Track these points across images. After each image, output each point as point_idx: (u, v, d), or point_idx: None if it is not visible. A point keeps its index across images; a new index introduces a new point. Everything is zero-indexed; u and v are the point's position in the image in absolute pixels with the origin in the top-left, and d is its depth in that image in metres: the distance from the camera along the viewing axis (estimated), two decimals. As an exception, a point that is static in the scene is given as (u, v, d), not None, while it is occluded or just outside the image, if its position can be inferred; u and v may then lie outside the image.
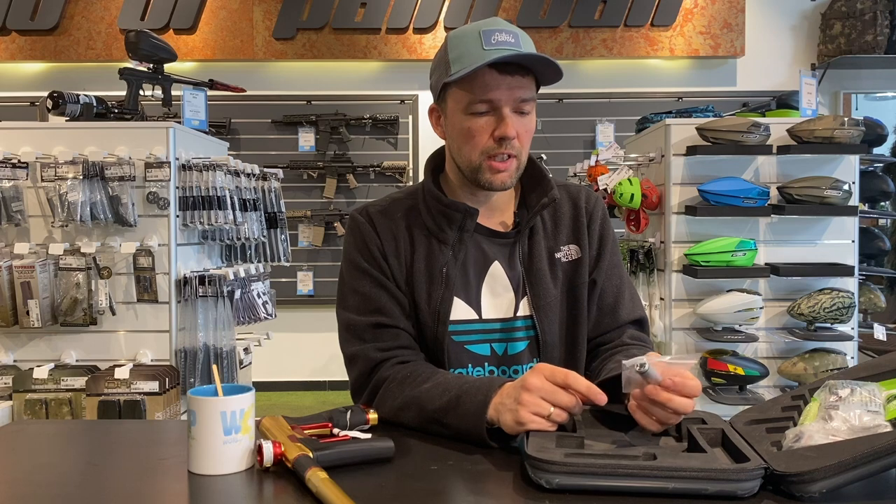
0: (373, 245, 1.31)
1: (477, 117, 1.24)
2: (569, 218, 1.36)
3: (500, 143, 1.24)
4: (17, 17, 5.19)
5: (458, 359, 1.30)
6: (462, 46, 1.23)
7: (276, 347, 3.62)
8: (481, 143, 1.25)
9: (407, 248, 1.31)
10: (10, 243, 2.67)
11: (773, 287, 2.93)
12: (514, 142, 1.25)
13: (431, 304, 1.28)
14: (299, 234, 5.29)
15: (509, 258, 1.32)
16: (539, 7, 5.25)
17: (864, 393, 0.96)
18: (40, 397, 2.59)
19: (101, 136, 2.72)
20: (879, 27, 4.87)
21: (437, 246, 1.30)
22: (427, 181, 1.34)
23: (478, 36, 1.22)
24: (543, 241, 1.34)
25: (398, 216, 1.33)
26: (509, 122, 1.23)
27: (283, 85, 5.37)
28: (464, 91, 1.24)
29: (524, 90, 1.23)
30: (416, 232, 1.32)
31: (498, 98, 1.22)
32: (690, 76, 5.41)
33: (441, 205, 1.30)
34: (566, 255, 1.34)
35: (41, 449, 1.14)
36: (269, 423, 1.05)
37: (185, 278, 2.72)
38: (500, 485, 0.95)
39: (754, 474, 0.87)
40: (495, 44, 1.20)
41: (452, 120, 1.28)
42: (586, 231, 1.36)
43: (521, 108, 1.25)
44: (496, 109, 1.23)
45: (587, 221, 1.37)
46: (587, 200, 1.39)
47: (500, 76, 1.21)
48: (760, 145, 2.83)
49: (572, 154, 5.18)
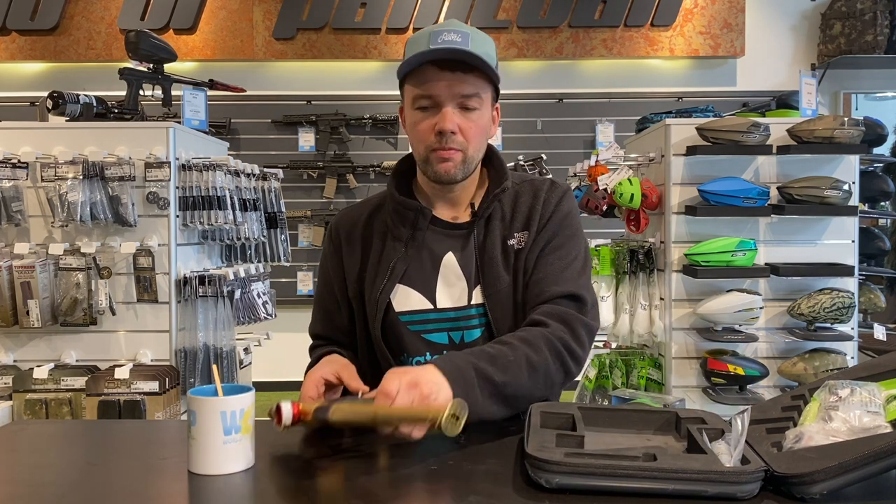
0: (329, 258, 1.45)
1: (422, 112, 1.30)
2: (526, 207, 1.37)
3: (439, 138, 1.29)
4: (17, 17, 5.19)
5: (416, 348, 1.36)
6: (414, 46, 1.30)
7: (276, 347, 3.61)
8: (425, 138, 1.31)
9: (364, 246, 1.41)
10: (10, 243, 2.67)
11: (773, 287, 2.92)
12: (457, 137, 1.29)
13: (374, 294, 1.35)
14: (299, 234, 5.29)
15: (463, 248, 1.36)
16: (539, 7, 5.25)
17: (864, 393, 0.96)
18: (40, 397, 2.59)
19: (101, 136, 2.72)
20: (879, 27, 4.87)
21: (391, 243, 1.38)
22: (390, 182, 1.42)
23: (428, 36, 1.28)
24: (499, 229, 1.37)
25: (363, 218, 1.44)
26: (447, 117, 1.27)
27: (283, 85, 5.37)
28: (411, 86, 1.31)
29: (466, 86, 1.28)
30: (376, 231, 1.41)
31: (437, 93, 1.28)
32: (690, 76, 5.40)
33: (396, 203, 1.38)
34: (518, 242, 1.35)
35: (41, 449, 1.13)
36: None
37: (185, 278, 2.72)
38: (500, 485, 0.95)
39: (755, 476, 0.87)
40: (440, 42, 1.26)
41: (406, 115, 1.36)
42: (538, 216, 1.36)
43: (464, 104, 1.29)
44: (437, 105, 1.28)
45: (541, 206, 1.37)
46: (549, 191, 1.39)
47: (440, 72, 1.26)
48: (760, 145, 2.83)
49: (572, 154, 5.18)
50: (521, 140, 5.25)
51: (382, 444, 1.12)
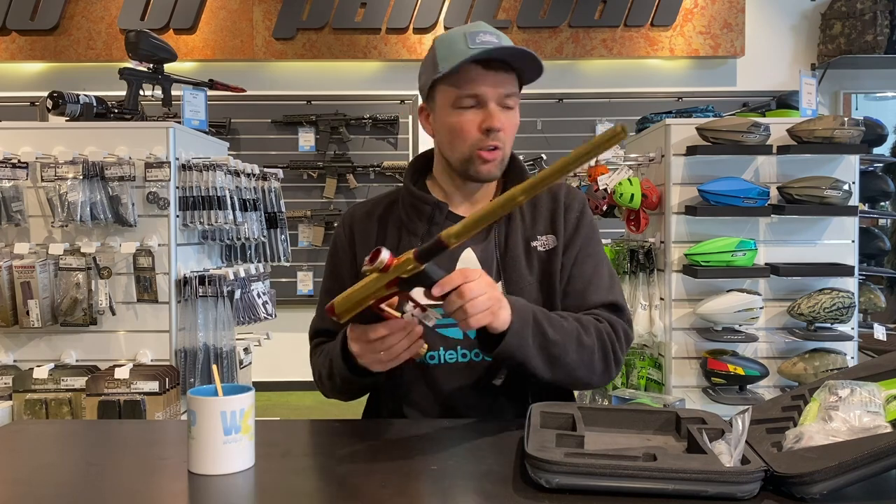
0: (342, 252, 1.44)
1: (464, 111, 1.32)
2: (547, 210, 1.41)
3: (487, 135, 1.31)
4: (17, 17, 5.19)
5: (431, 342, 1.35)
6: (449, 47, 1.31)
7: (276, 347, 3.61)
8: (470, 136, 1.32)
9: (378, 240, 1.41)
10: (10, 243, 2.66)
11: (773, 287, 2.92)
12: (501, 134, 1.32)
13: None
14: (299, 234, 5.29)
15: (484, 245, 1.38)
16: (539, 7, 5.25)
17: (864, 393, 0.96)
18: (40, 397, 2.59)
19: (101, 136, 2.72)
20: (879, 27, 4.87)
21: (406, 238, 1.39)
22: (406, 178, 1.44)
23: (463, 37, 1.30)
24: (520, 229, 1.39)
25: (377, 213, 1.45)
26: (495, 115, 1.30)
27: (283, 85, 5.37)
28: (451, 87, 1.31)
29: (508, 86, 1.32)
30: (391, 226, 1.42)
31: (483, 92, 1.30)
32: (690, 76, 5.40)
33: (412, 198, 1.40)
34: (543, 245, 1.38)
35: (41, 449, 1.13)
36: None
37: (185, 278, 2.72)
38: (500, 485, 0.95)
39: (755, 476, 0.87)
40: (479, 43, 1.28)
41: (441, 116, 1.36)
42: (563, 221, 1.40)
43: (505, 103, 1.32)
44: (482, 103, 1.31)
45: (563, 212, 1.41)
46: (567, 194, 1.44)
47: (485, 72, 1.29)
48: (760, 145, 2.83)
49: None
50: (521, 140, 5.25)
51: (382, 444, 1.12)
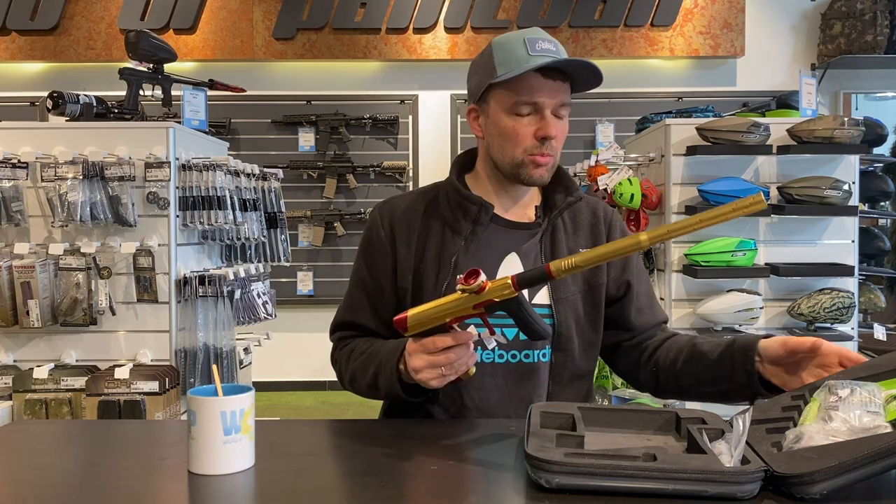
0: (379, 246, 1.42)
1: (520, 117, 1.33)
2: (587, 224, 1.45)
3: (542, 143, 1.34)
4: (17, 17, 5.19)
5: None
6: (508, 51, 1.33)
7: (276, 347, 3.61)
8: (524, 142, 1.34)
9: (420, 236, 1.40)
10: (10, 243, 2.66)
11: (773, 287, 2.92)
12: (553, 142, 1.35)
13: (437, 290, 1.36)
14: (299, 234, 5.29)
15: (528, 250, 1.39)
16: (539, 7, 5.25)
17: (864, 393, 0.96)
18: (40, 397, 2.59)
19: (101, 136, 2.72)
20: (879, 27, 4.87)
21: (450, 236, 1.39)
22: (451, 175, 1.44)
23: (523, 42, 1.32)
24: (564, 240, 1.42)
25: (419, 207, 1.44)
26: (551, 124, 1.33)
27: (283, 85, 5.37)
28: (509, 92, 1.33)
29: (564, 95, 1.35)
30: (433, 222, 1.41)
31: (542, 101, 1.32)
32: (690, 76, 5.40)
33: (459, 196, 1.40)
34: None
35: (41, 449, 1.13)
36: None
37: (185, 278, 2.72)
38: (500, 485, 0.95)
39: (755, 476, 0.87)
40: (540, 50, 1.31)
41: (495, 119, 1.37)
42: (605, 237, 1.44)
43: (558, 112, 1.35)
44: (539, 111, 1.33)
45: (606, 229, 1.46)
46: (605, 211, 1.49)
47: (545, 80, 1.32)
48: (760, 145, 2.83)
49: (572, 154, 5.18)
50: (521, 140, 5.24)
51: (383, 444, 1.12)
